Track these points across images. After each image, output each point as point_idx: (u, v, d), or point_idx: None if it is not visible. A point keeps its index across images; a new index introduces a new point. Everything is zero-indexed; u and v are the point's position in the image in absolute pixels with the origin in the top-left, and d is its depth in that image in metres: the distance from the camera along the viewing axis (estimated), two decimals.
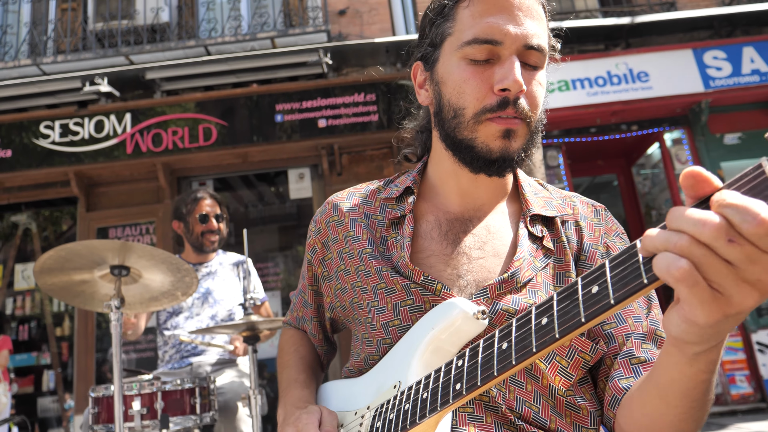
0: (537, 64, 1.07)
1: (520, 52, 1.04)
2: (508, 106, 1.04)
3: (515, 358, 0.71)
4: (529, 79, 1.05)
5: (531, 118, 1.06)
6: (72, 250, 2.25)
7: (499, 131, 1.05)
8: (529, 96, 1.06)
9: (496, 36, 1.03)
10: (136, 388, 2.38)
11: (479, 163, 1.09)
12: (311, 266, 1.28)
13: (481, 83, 1.05)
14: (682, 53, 7.45)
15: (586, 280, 0.66)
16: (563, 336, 0.66)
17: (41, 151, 7.30)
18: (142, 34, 7.51)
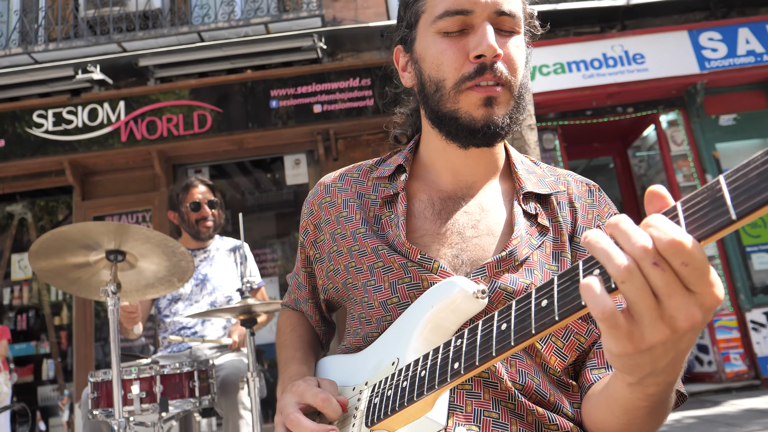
0: (512, 28, 1.08)
1: (492, 18, 1.05)
2: (486, 72, 1.04)
3: (514, 339, 0.71)
4: (504, 43, 1.06)
5: (511, 82, 1.06)
6: (67, 234, 2.24)
7: (480, 99, 1.05)
8: (507, 60, 1.06)
9: (466, 5, 1.04)
10: (135, 372, 2.38)
11: (464, 134, 1.08)
12: (304, 248, 1.28)
13: (457, 53, 1.06)
14: (678, 35, 7.43)
15: (588, 264, 0.65)
16: (563, 318, 0.66)
17: (35, 141, 7.27)
18: (134, 21, 7.45)
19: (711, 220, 0.54)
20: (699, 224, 0.55)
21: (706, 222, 0.55)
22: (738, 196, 0.53)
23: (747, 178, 0.53)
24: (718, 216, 0.54)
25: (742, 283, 7.08)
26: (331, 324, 1.36)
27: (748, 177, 0.53)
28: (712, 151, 7.55)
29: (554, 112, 7.61)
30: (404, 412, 0.87)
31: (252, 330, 2.53)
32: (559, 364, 1.03)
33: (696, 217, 0.56)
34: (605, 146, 8.80)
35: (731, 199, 0.53)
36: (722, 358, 6.83)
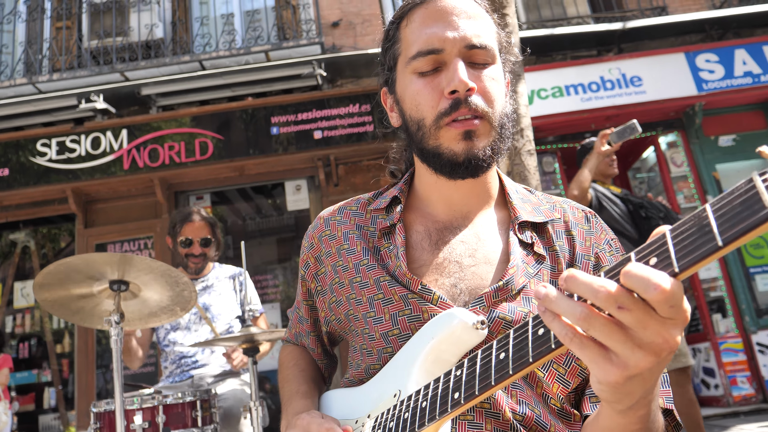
0: (485, 61, 1.09)
1: (463, 53, 1.07)
2: (461, 106, 1.06)
3: (512, 368, 0.72)
4: (478, 76, 1.08)
5: (489, 114, 1.08)
6: (71, 265, 2.25)
7: (459, 134, 1.07)
8: (483, 92, 1.08)
9: (436, 44, 1.07)
10: (137, 402, 2.37)
11: (448, 168, 1.10)
12: (305, 281, 1.29)
13: (432, 91, 1.08)
14: (675, 57, 7.50)
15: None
16: (559, 346, 0.67)
17: (38, 169, 7.32)
18: (136, 51, 7.55)
19: (699, 246, 0.57)
20: (687, 251, 0.58)
21: (695, 249, 0.57)
22: (724, 224, 0.55)
23: (732, 206, 0.55)
24: (705, 243, 0.56)
25: (747, 305, 7.04)
26: (333, 357, 1.36)
27: (732, 204, 0.55)
28: (713, 172, 7.57)
29: (553, 136, 7.65)
30: None
31: (254, 359, 2.53)
32: (562, 391, 1.03)
33: (684, 244, 0.58)
34: None
35: (717, 226, 0.56)
36: (729, 381, 6.76)
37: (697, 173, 7.57)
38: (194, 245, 3.33)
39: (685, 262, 0.58)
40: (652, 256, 0.61)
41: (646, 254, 0.61)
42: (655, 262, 0.60)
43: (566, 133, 7.68)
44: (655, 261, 0.60)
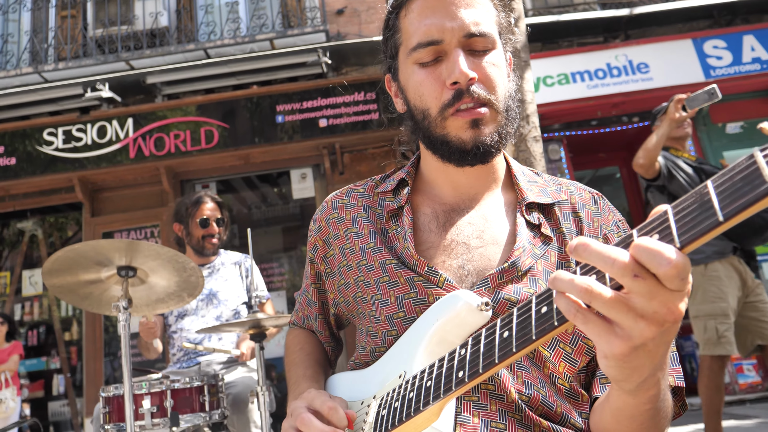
0: (485, 47, 1.10)
1: (463, 42, 1.08)
2: (464, 96, 1.07)
3: (516, 346, 0.73)
4: (478, 63, 1.09)
5: (492, 100, 1.09)
6: (79, 251, 2.27)
7: (466, 123, 1.08)
8: (484, 80, 1.08)
9: (435, 36, 1.08)
10: (145, 387, 2.40)
11: (456, 156, 1.11)
12: (314, 264, 1.30)
13: (435, 82, 1.10)
14: (682, 43, 7.43)
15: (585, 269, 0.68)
16: (561, 323, 0.68)
17: (45, 158, 7.35)
18: (141, 39, 7.54)
19: (700, 222, 0.58)
20: (689, 227, 0.59)
21: (696, 224, 0.58)
22: (725, 199, 0.56)
23: (733, 182, 0.56)
24: (706, 218, 0.57)
25: None
26: (339, 340, 1.36)
27: (733, 180, 0.56)
28: (720, 160, 7.53)
29: (559, 123, 7.62)
30: (411, 423, 0.88)
31: (261, 344, 2.55)
32: (569, 370, 1.03)
33: (686, 220, 0.59)
34: (611, 156, 8.78)
35: (718, 202, 0.57)
36: (735, 369, 6.76)
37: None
38: (211, 225, 3.36)
39: (686, 238, 0.58)
40: (654, 232, 0.61)
41: (648, 231, 0.62)
42: (657, 239, 0.60)
43: (572, 120, 7.64)
44: (657, 237, 0.61)
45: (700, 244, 0.58)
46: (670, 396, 0.88)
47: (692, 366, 7.37)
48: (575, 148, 7.74)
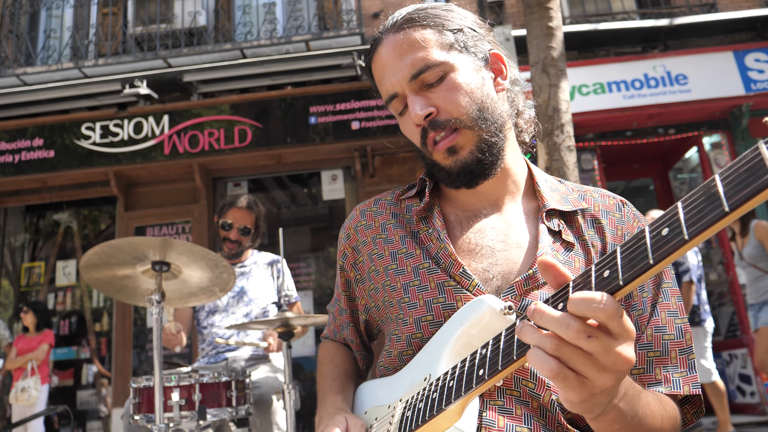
0: (438, 76, 1.13)
1: (413, 86, 1.14)
2: (428, 132, 1.14)
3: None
4: (435, 94, 1.13)
5: (459, 122, 1.12)
6: (115, 246, 2.32)
7: (444, 154, 1.15)
8: (445, 107, 1.12)
9: (390, 90, 1.17)
10: (175, 380, 2.44)
11: (447, 181, 1.19)
12: (344, 272, 1.33)
13: (410, 126, 1.18)
14: (723, 55, 7.30)
15: (600, 265, 0.71)
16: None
17: (82, 152, 7.51)
18: (180, 38, 7.67)
19: (707, 213, 0.59)
20: (697, 218, 0.60)
21: (703, 216, 0.59)
22: (730, 190, 0.57)
23: (738, 173, 0.57)
24: (713, 209, 0.59)
25: None
26: (370, 350, 1.38)
27: (739, 172, 0.57)
28: None
29: (593, 133, 7.53)
30: (434, 422, 0.90)
31: (289, 342, 2.57)
32: None
33: (694, 212, 0.60)
34: (645, 168, 8.66)
35: (724, 193, 0.58)
36: (765, 389, 6.60)
37: None
38: (233, 230, 3.38)
39: (694, 229, 0.60)
40: (664, 226, 0.63)
41: (658, 225, 0.64)
42: (667, 232, 0.62)
43: (606, 130, 7.55)
44: (667, 231, 0.62)
45: (708, 236, 0.59)
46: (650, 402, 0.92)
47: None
48: (609, 159, 7.65)
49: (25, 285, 8.23)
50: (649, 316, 1.07)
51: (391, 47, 1.16)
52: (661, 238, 0.63)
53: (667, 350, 1.05)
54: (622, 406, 0.83)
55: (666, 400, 1.00)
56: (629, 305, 1.07)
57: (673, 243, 0.62)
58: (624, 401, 0.83)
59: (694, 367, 1.06)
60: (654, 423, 0.92)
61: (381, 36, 1.20)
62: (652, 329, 1.06)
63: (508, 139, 1.19)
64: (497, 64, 1.20)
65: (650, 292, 1.09)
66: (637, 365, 1.05)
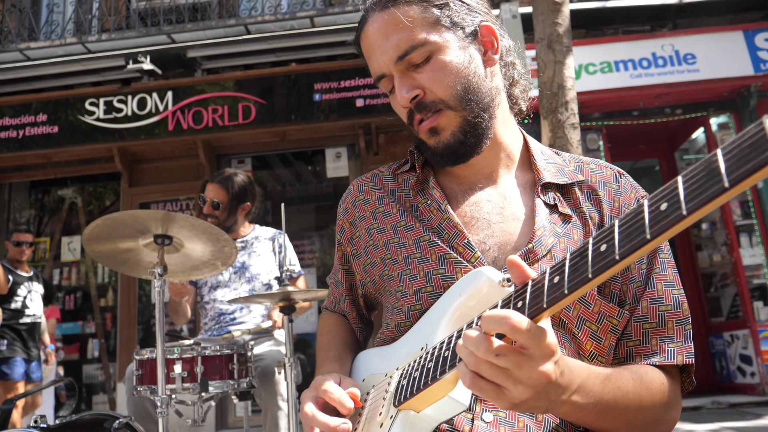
0: (423, 56, 1.12)
1: (399, 67, 1.14)
2: (414, 114, 1.16)
3: (528, 314, 0.75)
4: (421, 75, 1.13)
5: (444, 103, 1.13)
6: (118, 219, 2.33)
7: (427, 134, 1.17)
8: (430, 87, 1.13)
9: (377, 71, 1.18)
10: (177, 352, 2.46)
11: (432, 159, 1.20)
12: (341, 246, 1.33)
13: (398, 106, 1.20)
14: (732, 35, 7.20)
15: (597, 238, 0.71)
16: (572, 292, 0.71)
17: (86, 128, 7.51)
18: (183, 13, 7.62)
19: (707, 188, 0.58)
20: (696, 193, 0.59)
21: (703, 191, 0.58)
22: (731, 166, 0.56)
23: (741, 148, 0.56)
24: (713, 185, 0.58)
25: None
26: (368, 322, 1.39)
27: (741, 147, 0.56)
28: None
29: (599, 112, 7.47)
30: (428, 391, 0.91)
31: (291, 317, 2.58)
32: (596, 348, 1.06)
33: (694, 187, 0.59)
34: (651, 148, 8.60)
35: (725, 168, 0.57)
36: (766, 369, 6.62)
37: None
38: (206, 204, 3.41)
39: (692, 204, 0.59)
40: (663, 201, 0.62)
41: (658, 200, 0.63)
42: (666, 207, 0.61)
43: (613, 110, 7.49)
44: (666, 206, 0.62)
45: (707, 211, 0.59)
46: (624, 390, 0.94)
47: (722, 364, 7.25)
48: (614, 139, 7.60)
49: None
50: (645, 287, 1.08)
51: (376, 26, 1.15)
52: (659, 213, 0.63)
53: (663, 321, 1.06)
54: (575, 399, 0.85)
55: (651, 376, 1.00)
56: (626, 278, 1.07)
57: (671, 218, 0.61)
58: (579, 394, 0.86)
59: (689, 338, 1.07)
60: (629, 402, 0.94)
61: (367, 14, 1.19)
62: (648, 301, 1.07)
63: (496, 116, 1.18)
64: (488, 37, 1.18)
65: (647, 264, 1.09)
66: (633, 337, 1.06)
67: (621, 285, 1.07)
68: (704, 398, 6.60)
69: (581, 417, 0.91)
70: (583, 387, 0.86)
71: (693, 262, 7.91)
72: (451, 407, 0.92)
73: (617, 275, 1.07)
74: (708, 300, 7.72)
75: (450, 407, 0.92)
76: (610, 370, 0.95)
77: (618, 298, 1.07)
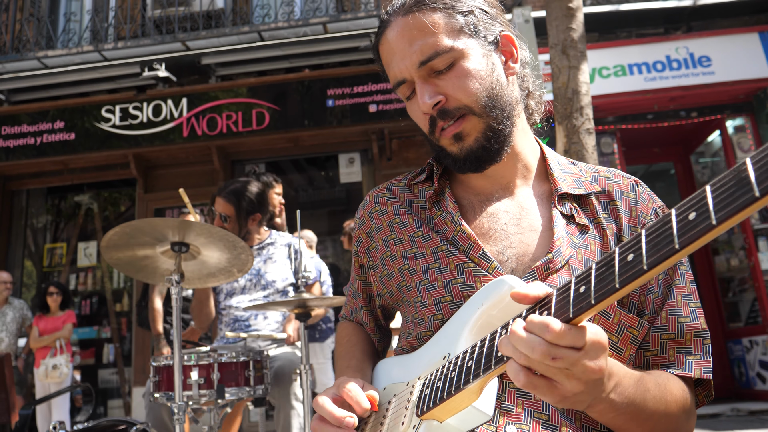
0: (447, 63, 1.11)
1: (421, 73, 1.12)
2: (437, 121, 1.13)
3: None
4: (445, 82, 1.12)
5: (468, 109, 1.12)
6: (136, 227, 2.35)
7: (449, 140, 1.14)
8: (454, 94, 1.11)
9: (398, 76, 1.15)
10: (194, 359, 2.47)
11: (453, 166, 1.19)
12: (357, 257, 1.34)
13: (417, 112, 1.17)
14: (747, 37, 7.15)
15: (624, 248, 0.70)
16: (599, 302, 0.70)
17: (102, 134, 7.59)
18: (198, 21, 7.68)
19: (737, 198, 0.57)
20: (726, 203, 0.58)
21: (733, 200, 0.58)
22: (762, 175, 0.55)
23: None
24: (743, 194, 0.57)
25: None
26: (386, 332, 1.39)
27: None
28: None
29: (613, 116, 7.43)
30: (451, 401, 0.90)
31: (306, 323, 2.59)
32: (617, 358, 1.04)
33: (723, 197, 0.59)
34: (666, 151, 8.53)
35: (755, 177, 0.56)
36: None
37: None
38: (216, 218, 3.43)
39: (723, 214, 0.58)
40: (692, 210, 0.61)
41: (686, 209, 0.62)
42: (694, 216, 0.61)
43: (627, 113, 7.45)
44: (694, 215, 0.61)
45: (737, 221, 0.58)
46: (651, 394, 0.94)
47: (741, 370, 7.16)
48: (629, 142, 7.55)
49: (48, 266, 8.37)
50: (664, 298, 1.07)
51: (399, 31, 1.13)
52: (687, 223, 0.62)
53: (682, 333, 1.05)
54: (613, 397, 0.87)
55: (673, 383, 1.00)
56: (645, 288, 1.07)
57: (700, 228, 0.60)
58: (615, 392, 0.87)
59: (708, 352, 1.06)
60: (657, 406, 0.95)
61: (389, 18, 1.17)
62: (667, 312, 1.06)
63: (516, 125, 1.18)
64: (508, 47, 1.19)
65: (665, 275, 1.09)
66: (651, 347, 1.06)
67: (639, 295, 1.07)
68: (723, 405, 6.52)
69: (613, 417, 0.92)
70: (619, 386, 0.88)
71: (710, 267, 7.83)
72: (475, 417, 0.91)
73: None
74: (726, 305, 7.63)
75: (474, 417, 0.92)
76: (640, 373, 0.95)
77: (637, 308, 1.07)
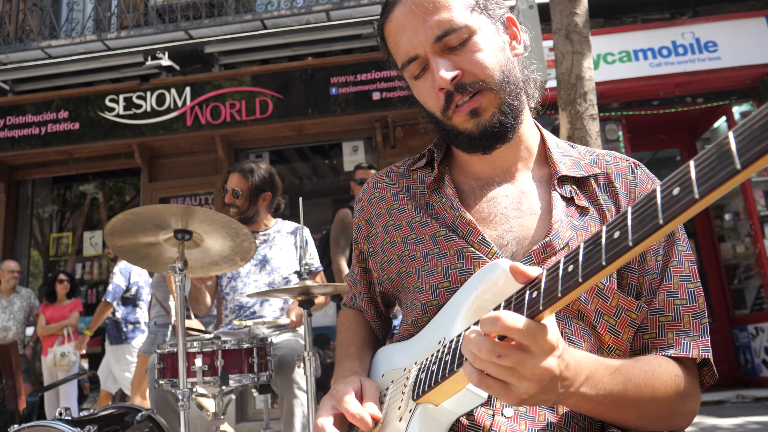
0: (461, 39, 1.11)
1: (436, 48, 1.11)
2: (454, 96, 1.12)
3: (542, 304, 0.75)
4: (461, 57, 1.11)
5: (485, 85, 1.11)
6: (139, 214, 2.36)
7: (466, 115, 1.13)
8: (470, 69, 1.11)
9: (411, 52, 1.14)
10: (198, 346, 2.49)
11: (467, 145, 1.17)
12: (357, 244, 1.34)
13: (429, 90, 1.15)
14: (754, 21, 7.08)
15: (610, 226, 0.70)
16: (585, 280, 0.70)
17: (106, 124, 7.60)
18: (200, 9, 7.65)
19: (718, 171, 0.57)
20: (708, 177, 0.58)
21: (714, 174, 0.58)
22: (743, 147, 0.55)
23: (752, 130, 0.55)
24: (724, 167, 0.57)
25: None
26: (387, 319, 1.40)
27: (753, 129, 0.55)
28: None
29: (618, 102, 7.39)
30: (445, 384, 0.91)
31: (309, 311, 2.60)
32: (614, 342, 1.06)
33: (705, 171, 0.59)
34: (672, 138, 8.48)
35: (737, 150, 0.56)
36: None
37: None
38: (228, 194, 3.46)
39: (705, 188, 0.58)
40: (676, 185, 0.62)
41: (670, 185, 0.63)
42: (678, 191, 0.61)
43: (632, 100, 7.40)
44: (678, 190, 0.61)
45: (720, 194, 0.58)
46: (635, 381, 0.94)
47: (746, 357, 7.15)
48: (634, 129, 7.51)
49: (54, 255, 8.42)
50: (661, 280, 1.07)
51: (410, 7, 1.13)
52: (671, 198, 0.62)
53: (679, 315, 1.06)
54: (584, 390, 0.87)
55: (664, 368, 1.00)
56: (643, 270, 1.07)
57: (683, 202, 0.60)
58: (587, 385, 0.87)
59: (706, 331, 1.06)
60: (640, 393, 0.94)
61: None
62: (665, 294, 1.07)
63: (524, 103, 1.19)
64: (511, 29, 1.20)
65: (663, 256, 1.09)
66: (649, 330, 1.06)
67: (638, 277, 1.07)
68: (728, 392, 6.52)
69: (591, 408, 0.92)
70: (591, 378, 0.88)
71: (716, 254, 7.80)
72: (470, 400, 0.92)
73: (634, 267, 1.07)
74: (732, 292, 7.61)
75: (468, 400, 0.93)
76: (620, 362, 0.95)
77: (635, 290, 1.07)
